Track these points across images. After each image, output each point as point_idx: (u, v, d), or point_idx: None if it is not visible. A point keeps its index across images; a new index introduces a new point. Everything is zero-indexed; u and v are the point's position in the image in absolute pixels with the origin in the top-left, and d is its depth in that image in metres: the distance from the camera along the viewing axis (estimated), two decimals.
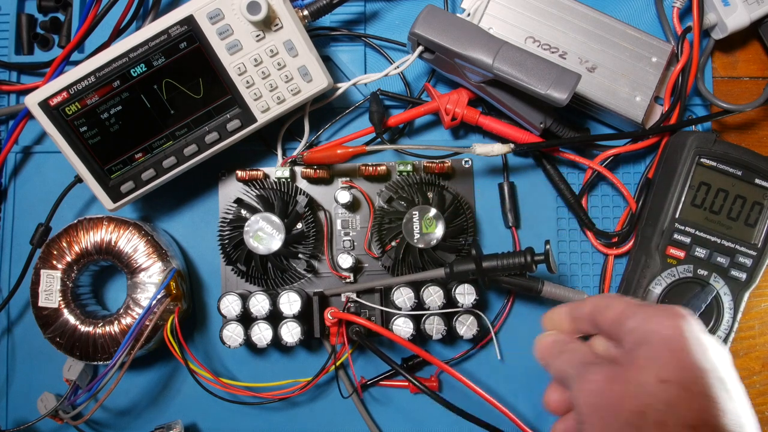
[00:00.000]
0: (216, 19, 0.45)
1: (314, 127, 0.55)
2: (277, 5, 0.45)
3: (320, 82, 0.48)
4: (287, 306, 0.49)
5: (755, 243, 0.50)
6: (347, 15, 0.56)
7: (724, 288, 0.50)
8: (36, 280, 0.50)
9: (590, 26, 0.51)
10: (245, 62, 0.47)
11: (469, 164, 0.54)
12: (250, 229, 0.49)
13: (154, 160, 0.49)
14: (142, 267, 0.49)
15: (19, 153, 0.56)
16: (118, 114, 0.46)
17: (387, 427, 0.53)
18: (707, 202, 0.50)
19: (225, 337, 0.49)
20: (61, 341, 0.49)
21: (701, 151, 0.50)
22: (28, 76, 0.56)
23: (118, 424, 0.54)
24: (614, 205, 0.55)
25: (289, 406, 0.54)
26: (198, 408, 0.54)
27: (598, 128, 0.55)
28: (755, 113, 0.56)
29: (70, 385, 0.51)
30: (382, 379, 0.53)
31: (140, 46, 0.45)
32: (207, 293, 0.55)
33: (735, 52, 0.57)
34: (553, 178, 0.54)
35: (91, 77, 0.45)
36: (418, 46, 0.49)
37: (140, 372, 0.54)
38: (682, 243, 0.50)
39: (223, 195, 0.54)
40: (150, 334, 0.48)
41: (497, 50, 0.46)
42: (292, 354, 0.54)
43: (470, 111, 0.52)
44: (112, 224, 0.50)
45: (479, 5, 0.51)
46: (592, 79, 0.51)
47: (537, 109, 0.50)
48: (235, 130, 0.49)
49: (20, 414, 0.54)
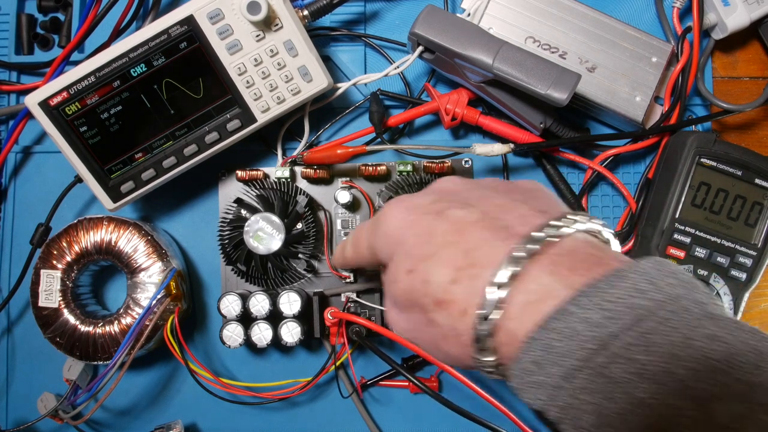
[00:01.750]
0: (216, 19, 0.45)
1: (314, 127, 0.55)
2: (277, 5, 0.45)
3: (320, 82, 0.48)
4: (287, 306, 0.49)
5: (755, 243, 0.50)
6: (347, 15, 0.56)
7: (724, 288, 0.50)
8: (36, 280, 0.50)
9: (590, 26, 0.51)
10: (245, 62, 0.47)
11: (469, 164, 0.54)
12: (250, 229, 0.49)
13: (154, 160, 0.49)
14: (142, 267, 0.49)
15: (19, 153, 0.56)
16: (118, 114, 0.46)
17: (387, 427, 0.53)
18: (707, 202, 0.50)
19: (225, 337, 0.49)
20: (61, 341, 0.49)
21: (701, 151, 0.50)
22: (28, 76, 0.56)
23: (118, 424, 0.54)
24: (614, 205, 0.55)
25: (289, 406, 0.54)
26: (198, 408, 0.54)
27: (598, 128, 0.55)
28: (755, 113, 0.56)
29: (70, 385, 0.51)
30: (382, 379, 0.53)
31: (140, 46, 0.45)
32: (207, 293, 0.55)
33: (735, 52, 0.57)
34: (553, 178, 0.54)
35: (91, 77, 0.45)
36: (418, 46, 0.49)
37: (140, 372, 0.54)
38: (682, 243, 0.50)
39: (223, 195, 0.54)
40: (150, 334, 0.48)
41: (497, 50, 0.46)
42: (292, 354, 0.54)
43: (470, 111, 0.52)
44: (112, 224, 0.50)
45: (479, 5, 0.51)
46: (592, 79, 0.51)
47: (537, 109, 0.50)
48: (235, 130, 0.49)
49: (20, 414, 0.54)
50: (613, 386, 0.21)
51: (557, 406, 0.23)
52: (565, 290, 0.23)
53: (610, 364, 0.21)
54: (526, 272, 0.24)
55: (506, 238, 0.25)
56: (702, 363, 0.20)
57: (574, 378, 0.22)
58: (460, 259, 0.25)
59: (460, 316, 0.25)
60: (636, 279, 0.22)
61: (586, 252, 0.24)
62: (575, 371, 0.22)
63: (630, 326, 0.21)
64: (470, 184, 0.30)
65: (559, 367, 0.22)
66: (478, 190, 0.28)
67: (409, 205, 0.29)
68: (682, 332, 0.21)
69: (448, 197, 0.28)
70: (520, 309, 0.24)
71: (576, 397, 0.22)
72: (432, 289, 0.26)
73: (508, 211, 0.26)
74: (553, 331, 0.22)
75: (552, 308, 0.23)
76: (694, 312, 0.22)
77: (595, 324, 0.22)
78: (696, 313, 0.22)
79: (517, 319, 0.24)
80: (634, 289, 0.22)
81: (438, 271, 0.26)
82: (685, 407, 0.20)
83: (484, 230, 0.26)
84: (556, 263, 0.24)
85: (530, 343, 0.23)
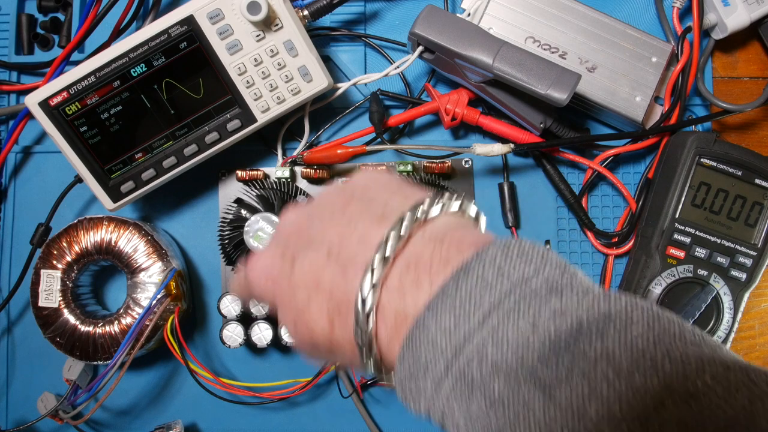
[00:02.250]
0: (216, 19, 0.45)
1: (314, 127, 0.55)
2: (277, 5, 0.45)
3: (320, 82, 0.48)
4: None
5: (755, 243, 0.50)
6: (347, 15, 0.55)
7: (724, 288, 0.50)
8: (36, 280, 0.50)
9: (590, 26, 0.51)
10: (245, 62, 0.47)
11: (469, 164, 0.54)
12: (250, 229, 0.49)
13: (154, 160, 0.49)
14: (142, 267, 0.49)
15: (19, 153, 0.56)
16: (118, 114, 0.46)
17: (387, 427, 0.53)
18: (707, 202, 0.50)
19: (225, 337, 0.49)
20: (61, 341, 0.49)
21: (701, 151, 0.50)
22: (28, 76, 0.56)
23: (118, 424, 0.54)
24: (614, 205, 0.55)
25: (289, 406, 0.54)
26: (198, 408, 0.54)
27: (598, 128, 0.55)
28: (755, 113, 0.56)
29: (70, 385, 0.51)
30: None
31: (140, 46, 0.45)
32: (207, 293, 0.55)
33: (735, 52, 0.57)
34: (553, 178, 0.54)
35: (91, 77, 0.45)
36: (418, 46, 0.49)
37: (140, 372, 0.54)
38: (682, 243, 0.50)
39: (223, 195, 0.54)
40: (150, 334, 0.48)
41: (497, 50, 0.46)
42: (292, 354, 0.54)
43: (470, 111, 0.52)
44: (112, 224, 0.50)
45: (479, 5, 0.51)
46: (592, 79, 0.51)
47: (537, 109, 0.50)
48: (235, 130, 0.49)
49: (20, 414, 0.54)
50: (473, 387, 0.21)
51: (436, 411, 0.23)
52: (413, 308, 0.23)
53: (467, 366, 0.22)
54: (381, 304, 0.24)
55: (355, 274, 0.25)
56: (549, 345, 0.21)
57: (442, 385, 0.22)
58: (328, 306, 0.26)
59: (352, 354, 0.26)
60: (481, 271, 0.23)
61: (429, 256, 0.24)
62: (442, 378, 0.22)
63: (480, 324, 0.22)
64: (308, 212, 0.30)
65: (430, 376, 0.23)
66: (317, 219, 0.29)
67: (263, 266, 0.30)
68: (529, 317, 0.21)
69: (293, 241, 0.29)
70: (387, 341, 0.25)
71: (447, 403, 0.22)
72: (319, 339, 0.27)
73: (349, 236, 0.26)
74: (416, 346, 0.23)
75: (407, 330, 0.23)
76: (540, 292, 0.22)
77: (448, 330, 0.22)
78: (543, 293, 0.22)
79: (388, 350, 0.25)
80: (481, 281, 0.22)
81: (316, 323, 0.27)
82: (533, 396, 0.20)
83: (335, 270, 0.26)
84: (403, 283, 0.24)
85: (401, 360, 0.24)
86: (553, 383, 0.20)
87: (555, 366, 0.20)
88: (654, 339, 0.20)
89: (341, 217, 0.27)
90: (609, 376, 0.19)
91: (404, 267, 0.25)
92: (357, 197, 0.28)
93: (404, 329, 0.24)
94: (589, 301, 0.21)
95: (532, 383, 0.20)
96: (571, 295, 0.22)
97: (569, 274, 0.23)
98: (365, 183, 0.30)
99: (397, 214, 0.25)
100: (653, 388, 0.19)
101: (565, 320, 0.21)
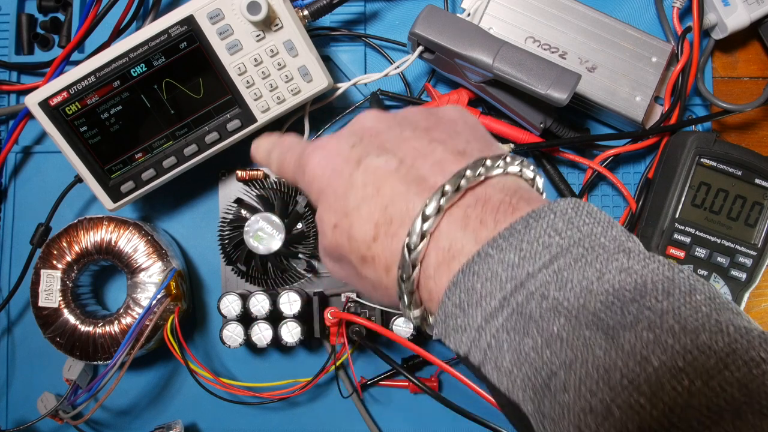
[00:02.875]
0: (216, 19, 0.45)
1: (314, 127, 0.55)
2: (277, 5, 0.45)
3: (320, 82, 0.48)
4: (287, 306, 0.49)
5: (755, 243, 0.50)
6: (347, 15, 0.56)
7: (724, 288, 0.50)
8: (36, 280, 0.50)
9: (590, 26, 0.51)
10: (245, 62, 0.47)
11: None
12: (250, 229, 0.49)
13: (154, 160, 0.49)
14: (142, 267, 0.49)
15: (19, 153, 0.56)
16: (118, 114, 0.46)
17: (387, 427, 0.53)
18: (707, 202, 0.50)
19: (225, 337, 0.49)
20: (61, 341, 0.49)
21: (701, 151, 0.50)
22: (28, 76, 0.56)
23: (118, 424, 0.54)
24: (614, 205, 0.55)
25: (289, 406, 0.54)
26: (198, 408, 0.54)
27: (598, 128, 0.55)
28: (755, 113, 0.56)
29: (70, 385, 0.51)
30: (382, 379, 0.53)
31: (140, 46, 0.45)
32: (207, 293, 0.55)
33: (735, 52, 0.57)
34: (553, 178, 0.54)
35: (91, 77, 0.45)
36: (418, 46, 0.49)
37: (140, 372, 0.54)
38: (682, 243, 0.50)
39: (223, 195, 0.54)
40: (150, 334, 0.48)
41: (497, 50, 0.46)
42: (292, 354, 0.54)
43: (470, 111, 0.52)
44: (112, 224, 0.50)
45: (479, 5, 0.51)
46: (592, 79, 0.51)
47: (537, 109, 0.50)
48: (235, 130, 0.49)
49: (20, 414, 0.54)
50: (530, 323, 0.21)
51: (480, 348, 0.23)
52: (472, 242, 0.23)
53: (527, 302, 0.22)
54: (439, 229, 0.24)
55: (420, 192, 0.25)
56: (614, 295, 0.21)
57: (494, 318, 0.22)
58: (379, 215, 0.26)
59: (385, 273, 0.26)
60: (552, 219, 0.23)
61: (499, 199, 0.25)
62: (496, 311, 0.22)
63: (546, 265, 0.22)
64: (391, 120, 0.29)
65: (481, 308, 0.23)
66: (397, 129, 0.28)
67: (329, 152, 0.29)
68: (596, 267, 0.22)
69: (367, 140, 0.28)
70: (434, 268, 0.24)
71: (497, 337, 0.22)
72: (356, 246, 0.26)
73: (425, 156, 0.26)
74: (474, 274, 0.23)
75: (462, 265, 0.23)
76: (609, 248, 0.22)
77: (512, 265, 0.22)
78: (611, 249, 0.22)
79: (433, 278, 0.24)
80: (551, 229, 0.23)
81: (360, 227, 0.26)
82: (595, 338, 0.20)
83: (400, 183, 0.26)
84: (468, 216, 0.24)
85: (452, 290, 0.23)
86: (617, 328, 0.20)
87: (620, 313, 0.20)
88: (716, 308, 0.20)
89: (423, 137, 0.27)
90: (675, 330, 0.20)
91: (473, 202, 0.24)
92: (443, 126, 0.28)
93: (457, 261, 0.23)
94: (655, 266, 0.22)
95: (594, 326, 0.20)
96: (637, 257, 0.22)
97: (634, 240, 0.24)
98: (454, 117, 0.29)
99: (478, 156, 0.26)
100: (718, 349, 0.19)
101: (631, 276, 0.21)
